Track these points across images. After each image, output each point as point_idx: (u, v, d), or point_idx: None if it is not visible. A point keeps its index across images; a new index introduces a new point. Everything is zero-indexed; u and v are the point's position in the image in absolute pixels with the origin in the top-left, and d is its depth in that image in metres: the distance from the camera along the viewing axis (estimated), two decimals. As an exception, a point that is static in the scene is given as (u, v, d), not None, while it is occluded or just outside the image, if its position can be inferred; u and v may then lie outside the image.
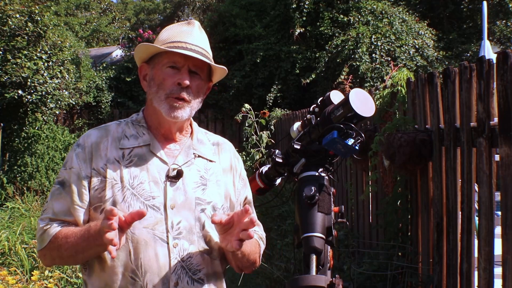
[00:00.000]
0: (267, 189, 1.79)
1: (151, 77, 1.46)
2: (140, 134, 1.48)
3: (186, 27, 1.50)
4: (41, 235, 1.43)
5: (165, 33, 1.50)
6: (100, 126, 1.53)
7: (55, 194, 1.44)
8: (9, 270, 4.09)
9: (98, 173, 1.41)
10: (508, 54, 2.00)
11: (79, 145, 1.45)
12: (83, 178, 1.41)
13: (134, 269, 1.38)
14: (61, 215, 1.42)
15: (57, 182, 1.44)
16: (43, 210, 1.46)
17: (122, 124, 1.52)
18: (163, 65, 1.44)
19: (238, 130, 11.37)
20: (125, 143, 1.46)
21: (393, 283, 2.99)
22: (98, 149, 1.44)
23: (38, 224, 1.45)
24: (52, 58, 8.28)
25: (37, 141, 8.91)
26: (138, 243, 1.37)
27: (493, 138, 2.20)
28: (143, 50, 1.48)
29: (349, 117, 1.48)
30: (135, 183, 1.40)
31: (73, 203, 1.41)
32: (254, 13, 11.98)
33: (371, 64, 9.70)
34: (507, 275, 2.03)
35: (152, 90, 1.45)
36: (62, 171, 1.45)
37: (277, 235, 5.21)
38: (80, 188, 1.41)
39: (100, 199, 1.40)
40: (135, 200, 1.39)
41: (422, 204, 3.05)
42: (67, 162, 1.45)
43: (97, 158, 1.42)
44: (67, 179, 1.43)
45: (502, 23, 13.58)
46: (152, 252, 1.38)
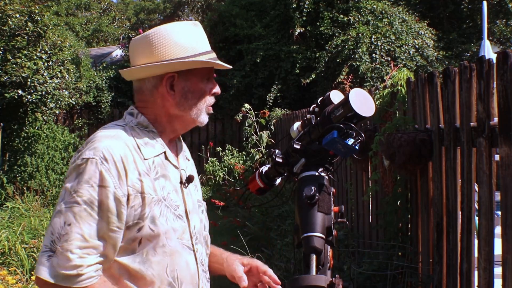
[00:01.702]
0: (267, 189, 1.79)
1: (186, 89, 1.40)
2: (153, 141, 1.40)
3: (200, 31, 1.47)
4: (71, 276, 1.22)
5: (187, 40, 1.41)
6: (112, 134, 1.35)
7: (82, 216, 1.24)
8: (9, 270, 4.09)
9: (134, 189, 1.29)
10: (508, 54, 2.00)
11: (105, 159, 1.27)
12: (121, 197, 1.27)
13: (171, 282, 1.36)
14: (93, 240, 1.25)
15: (83, 201, 1.24)
16: (62, 235, 1.23)
17: (128, 130, 1.39)
18: (201, 77, 1.42)
19: (238, 130, 11.38)
20: (146, 153, 1.36)
21: (393, 283, 2.99)
22: (128, 162, 1.30)
23: (66, 256, 1.22)
24: (52, 58, 8.28)
25: (37, 141, 8.92)
26: (173, 255, 1.36)
27: (493, 138, 2.20)
28: (192, 65, 1.40)
29: (349, 117, 1.48)
30: (165, 194, 1.36)
31: (111, 225, 1.26)
32: (254, 13, 11.98)
33: (371, 64, 9.69)
34: (507, 275, 2.03)
35: (190, 102, 1.41)
36: (87, 189, 1.25)
37: (277, 235, 5.21)
38: (119, 208, 1.26)
39: (138, 216, 1.30)
40: (168, 212, 1.36)
41: (422, 204, 3.05)
42: (93, 179, 1.25)
43: (130, 173, 1.30)
44: (97, 199, 1.25)
45: (502, 23, 13.58)
46: (184, 262, 1.39)
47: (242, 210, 6.62)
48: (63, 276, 1.22)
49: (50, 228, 1.25)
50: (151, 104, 1.43)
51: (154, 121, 1.43)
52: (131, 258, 1.31)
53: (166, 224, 1.34)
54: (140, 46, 1.41)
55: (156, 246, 1.32)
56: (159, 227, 1.32)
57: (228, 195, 7.86)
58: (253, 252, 4.00)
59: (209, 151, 10.72)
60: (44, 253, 1.24)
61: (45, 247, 1.24)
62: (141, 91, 1.44)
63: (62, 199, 1.27)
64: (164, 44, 1.39)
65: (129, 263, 1.31)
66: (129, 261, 1.31)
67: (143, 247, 1.31)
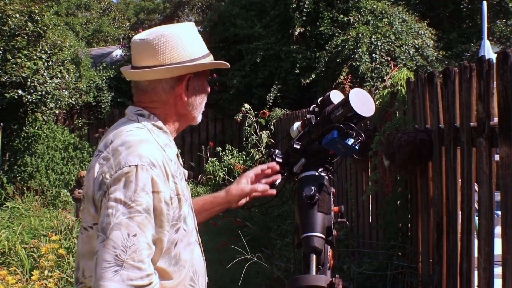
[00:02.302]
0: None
1: (197, 88, 1.47)
2: (169, 143, 1.42)
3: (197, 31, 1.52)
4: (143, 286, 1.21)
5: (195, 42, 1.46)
6: (144, 139, 1.34)
7: (145, 224, 1.22)
8: (9, 270, 4.09)
9: (173, 191, 1.32)
10: (508, 54, 2.00)
11: (153, 165, 1.27)
12: (168, 200, 1.28)
13: (192, 277, 1.41)
14: (153, 246, 1.25)
15: (143, 210, 1.22)
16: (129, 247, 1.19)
17: (149, 132, 1.38)
18: (205, 76, 1.50)
19: (238, 130, 11.37)
20: (170, 155, 1.38)
21: (393, 283, 2.99)
22: (165, 166, 1.32)
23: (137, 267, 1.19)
24: (52, 58, 8.29)
25: (37, 141, 8.92)
26: (193, 251, 1.42)
27: (493, 138, 2.20)
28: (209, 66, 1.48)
29: (349, 117, 1.48)
30: (186, 194, 1.41)
31: (163, 229, 1.27)
32: (254, 13, 11.97)
33: (371, 64, 9.69)
34: (507, 275, 2.03)
35: (198, 100, 1.48)
36: (144, 196, 1.23)
37: (277, 235, 5.21)
38: (168, 211, 1.28)
39: (175, 217, 1.32)
40: (191, 210, 1.43)
41: (422, 204, 3.05)
42: (146, 186, 1.24)
43: (169, 176, 1.32)
44: (152, 204, 1.24)
45: (502, 23, 13.57)
46: (198, 256, 1.45)
47: (242, 210, 6.62)
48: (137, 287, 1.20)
49: (109, 242, 1.19)
50: (162, 104, 1.43)
51: (164, 122, 1.44)
52: (168, 261, 1.32)
53: (192, 223, 1.41)
54: (152, 46, 1.40)
55: (186, 245, 1.37)
56: (189, 226, 1.38)
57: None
58: (253, 252, 3.99)
59: (209, 151, 10.71)
60: (108, 269, 1.18)
61: (107, 262, 1.18)
62: (154, 92, 1.42)
63: (117, 210, 1.21)
64: (180, 46, 1.41)
65: (166, 266, 1.32)
66: (166, 265, 1.32)
67: (177, 249, 1.34)
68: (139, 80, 1.44)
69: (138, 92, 1.45)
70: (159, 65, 1.39)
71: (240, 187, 1.68)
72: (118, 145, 1.30)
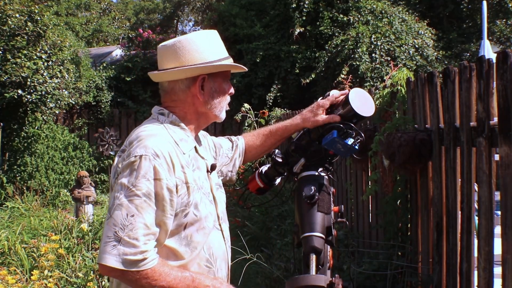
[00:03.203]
0: (267, 189, 1.79)
1: (214, 89, 1.61)
2: (186, 138, 1.57)
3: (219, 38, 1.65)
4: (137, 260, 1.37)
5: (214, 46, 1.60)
6: (155, 133, 1.49)
7: (143, 207, 1.39)
8: (9, 269, 4.09)
9: (180, 180, 1.46)
10: (508, 54, 2.00)
11: (157, 155, 1.42)
12: (172, 187, 1.43)
13: (208, 258, 1.55)
14: (153, 227, 1.40)
15: (142, 194, 1.39)
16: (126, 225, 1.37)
17: (165, 129, 1.54)
18: (224, 78, 1.63)
19: (238, 129, 11.37)
20: (184, 148, 1.53)
21: (393, 283, 2.99)
22: (174, 157, 1.47)
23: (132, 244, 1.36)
24: (51, 57, 8.29)
25: (36, 140, 8.92)
26: (209, 235, 1.55)
27: (493, 138, 2.20)
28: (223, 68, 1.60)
29: (349, 116, 1.48)
30: (201, 184, 1.55)
31: (166, 213, 1.42)
32: (254, 12, 11.97)
33: (371, 64, 9.69)
34: (506, 275, 2.03)
35: (216, 100, 1.61)
36: (144, 182, 1.39)
37: (276, 235, 5.21)
38: (171, 197, 1.43)
39: (184, 204, 1.47)
40: (205, 199, 1.55)
41: (422, 204, 3.05)
42: (148, 173, 1.40)
43: (176, 166, 1.46)
44: (153, 190, 1.40)
45: (502, 22, 13.58)
46: (216, 241, 1.58)
47: (242, 210, 6.62)
48: (131, 262, 1.36)
49: (111, 220, 1.38)
50: (181, 103, 1.60)
51: (183, 119, 1.60)
52: (178, 241, 1.48)
53: (205, 209, 1.53)
54: (173, 51, 1.58)
55: (199, 229, 1.51)
56: (201, 212, 1.51)
57: (228, 194, 7.84)
58: (253, 252, 3.99)
59: (209, 151, 10.70)
60: (108, 243, 1.37)
61: (108, 238, 1.37)
62: (173, 92, 1.60)
63: (121, 193, 1.40)
64: (196, 49, 1.57)
65: (176, 246, 1.48)
66: (177, 245, 1.48)
67: (187, 231, 1.49)
68: (159, 81, 1.63)
69: (162, 93, 1.63)
70: (175, 67, 1.56)
71: (316, 119, 1.70)
72: (133, 140, 1.48)
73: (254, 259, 3.89)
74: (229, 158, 1.91)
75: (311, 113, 1.72)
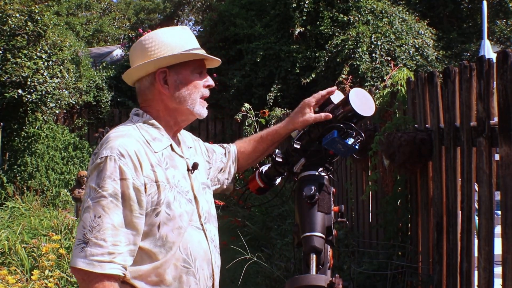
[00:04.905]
0: (267, 189, 1.79)
1: (178, 81, 1.56)
2: (160, 136, 1.55)
3: (189, 32, 1.62)
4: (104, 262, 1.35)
5: (174, 39, 1.56)
6: (124, 134, 1.50)
7: (110, 207, 1.38)
8: (9, 269, 4.09)
9: (149, 178, 1.45)
10: (508, 54, 2.00)
11: (122, 155, 1.41)
12: (139, 186, 1.42)
13: (186, 258, 1.50)
14: (122, 228, 1.39)
15: (108, 195, 1.38)
16: (94, 227, 1.36)
17: (137, 128, 1.53)
18: (192, 70, 1.57)
19: (238, 129, 11.37)
20: (155, 147, 1.51)
21: (393, 283, 2.99)
22: (141, 156, 1.45)
23: (99, 244, 1.35)
24: (52, 57, 8.28)
25: (37, 140, 8.92)
26: (184, 235, 1.50)
27: (493, 138, 2.20)
28: (177, 58, 1.54)
29: (349, 116, 1.48)
30: (176, 182, 1.51)
31: (134, 213, 1.41)
32: (254, 12, 11.97)
33: (371, 64, 9.69)
34: (507, 275, 2.03)
35: (183, 93, 1.56)
36: (110, 183, 1.39)
37: (277, 235, 5.21)
38: (139, 196, 1.42)
39: (155, 203, 1.45)
40: (181, 197, 1.52)
41: (422, 204, 3.05)
42: (114, 173, 1.39)
43: (144, 165, 1.45)
44: (120, 190, 1.40)
45: (502, 22, 13.58)
46: (196, 240, 1.53)
47: (242, 210, 6.62)
48: (97, 262, 1.35)
49: (81, 223, 1.38)
50: (151, 102, 1.58)
51: (157, 117, 1.58)
52: (153, 242, 1.45)
53: (179, 208, 1.49)
54: (135, 50, 1.59)
55: (173, 229, 1.47)
56: (174, 211, 1.48)
57: (228, 194, 7.85)
58: (253, 252, 4.00)
59: (209, 151, 10.70)
60: (78, 246, 1.37)
61: (78, 240, 1.38)
62: (141, 92, 1.59)
63: (89, 196, 1.40)
64: (154, 45, 1.55)
65: (151, 247, 1.45)
66: (151, 246, 1.45)
67: (162, 232, 1.46)
68: (130, 82, 1.62)
69: (137, 94, 1.63)
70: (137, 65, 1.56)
71: (305, 119, 1.69)
72: (103, 142, 1.48)
73: (255, 259, 3.89)
74: (223, 163, 1.88)
75: (299, 113, 1.72)
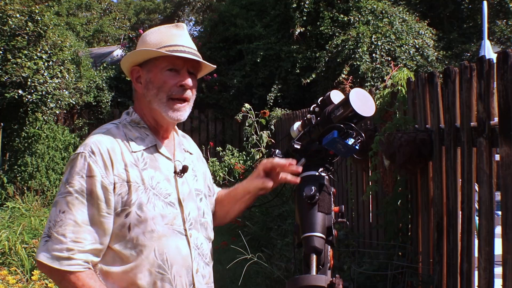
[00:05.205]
0: (267, 189, 1.78)
1: (148, 80, 1.51)
2: (144, 136, 1.52)
3: (176, 30, 1.55)
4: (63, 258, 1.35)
5: (154, 36, 1.52)
6: (103, 131, 1.50)
7: (74, 203, 1.38)
8: (9, 269, 4.09)
9: (120, 178, 1.42)
10: (508, 54, 2.00)
11: (93, 152, 1.41)
12: (108, 185, 1.40)
13: (161, 264, 1.44)
14: (86, 225, 1.38)
15: (74, 191, 1.38)
16: (57, 221, 1.37)
17: (120, 127, 1.52)
18: (162, 68, 1.49)
19: (239, 130, 11.37)
20: (134, 146, 1.49)
21: (393, 283, 2.99)
22: (115, 154, 1.44)
23: (59, 239, 1.36)
24: (52, 57, 8.28)
25: (37, 140, 8.91)
26: (160, 239, 1.45)
27: (493, 138, 2.20)
28: (142, 54, 1.51)
29: (349, 116, 1.48)
30: (154, 184, 1.47)
31: (100, 211, 1.39)
32: (254, 12, 11.97)
33: (372, 64, 9.69)
34: (507, 275, 2.03)
35: (151, 92, 1.50)
36: (78, 179, 1.39)
37: (277, 235, 5.21)
38: (106, 195, 1.40)
39: (125, 203, 1.42)
40: (157, 200, 1.46)
41: (422, 204, 3.05)
42: (82, 170, 1.39)
43: (116, 164, 1.43)
44: (87, 187, 1.39)
45: (502, 22, 13.57)
46: (174, 245, 1.47)
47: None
48: (55, 258, 1.35)
49: (48, 217, 1.40)
50: (136, 101, 1.58)
51: (143, 116, 1.56)
52: (124, 244, 1.42)
53: (153, 211, 1.44)
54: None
55: (145, 231, 1.42)
56: (146, 213, 1.43)
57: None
58: (253, 252, 3.99)
59: (209, 151, 10.71)
60: (42, 239, 1.39)
61: (44, 233, 1.39)
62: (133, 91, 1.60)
63: (59, 191, 1.42)
64: (139, 43, 1.55)
65: (121, 249, 1.42)
66: (121, 247, 1.42)
67: (133, 233, 1.42)
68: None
69: None
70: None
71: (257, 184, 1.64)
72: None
73: (255, 259, 3.89)
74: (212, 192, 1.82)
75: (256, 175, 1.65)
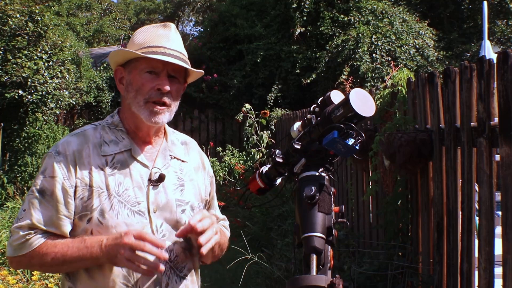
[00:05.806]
0: (267, 189, 1.78)
1: (128, 81, 1.46)
2: (120, 139, 1.47)
3: (163, 31, 1.48)
4: (22, 243, 1.38)
5: (140, 36, 1.47)
6: (77, 132, 1.48)
7: (34, 202, 1.39)
8: (9, 270, 4.09)
9: (83, 182, 1.39)
10: (508, 54, 2.00)
11: (59, 152, 1.40)
12: (68, 188, 1.38)
13: (126, 275, 1.39)
14: (43, 225, 1.38)
15: (36, 190, 1.39)
16: (19, 218, 1.40)
17: (98, 129, 1.48)
18: (141, 70, 1.43)
19: (239, 130, 11.37)
20: (106, 149, 1.44)
21: (393, 283, 2.99)
22: (81, 157, 1.40)
23: (16, 232, 1.39)
24: (52, 58, 8.28)
25: (37, 141, 8.91)
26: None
27: (493, 138, 2.20)
28: (121, 55, 1.47)
29: (350, 117, 1.48)
30: (120, 190, 1.41)
31: (58, 213, 1.38)
32: (255, 12, 11.97)
33: (372, 64, 9.69)
34: (507, 275, 2.03)
35: (130, 95, 1.45)
36: (41, 179, 1.39)
37: (277, 235, 5.21)
38: (66, 198, 1.38)
39: (86, 208, 1.38)
40: (122, 208, 1.40)
41: (422, 204, 3.05)
42: (47, 170, 1.39)
43: (80, 167, 1.39)
44: (48, 188, 1.38)
45: (502, 23, 13.57)
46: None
47: (242, 210, 6.62)
48: (16, 247, 1.38)
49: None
50: (122, 103, 1.53)
51: (123, 119, 1.50)
52: None
53: (115, 218, 1.38)
54: None
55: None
56: (107, 220, 1.38)
57: (228, 195, 7.86)
58: (253, 252, 4.00)
59: (209, 151, 10.72)
60: (11, 233, 1.43)
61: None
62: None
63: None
64: (127, 44, 1.50)
65: None
66: None
67: None
68: None
69: None
70: None
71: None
72: None
73: (255, 259, 3.89)
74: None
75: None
